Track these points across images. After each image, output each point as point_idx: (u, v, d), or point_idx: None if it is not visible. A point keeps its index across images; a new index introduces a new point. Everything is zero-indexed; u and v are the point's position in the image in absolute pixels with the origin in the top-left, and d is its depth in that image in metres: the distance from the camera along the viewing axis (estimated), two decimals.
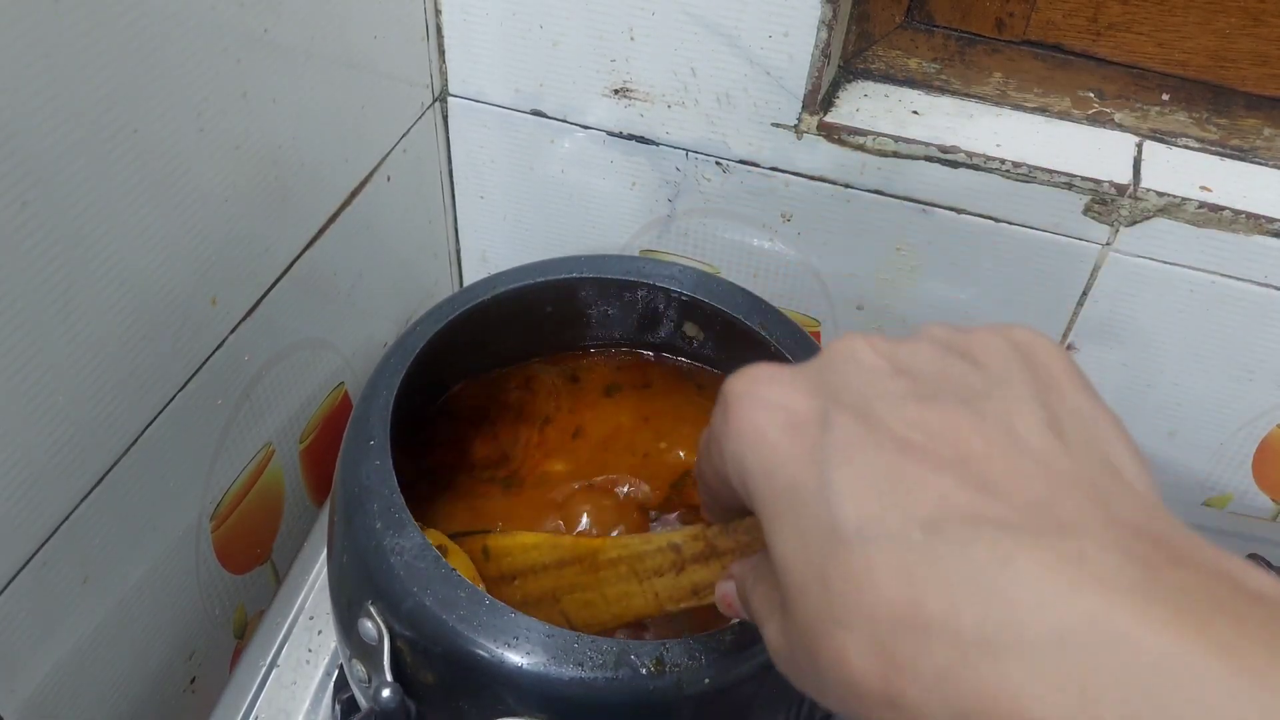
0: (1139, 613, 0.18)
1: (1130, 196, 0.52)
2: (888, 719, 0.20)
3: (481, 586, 0.37)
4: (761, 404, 0.24)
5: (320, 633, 0.52)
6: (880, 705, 0.20)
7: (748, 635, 0.36)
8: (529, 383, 0.53)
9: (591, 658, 0.35)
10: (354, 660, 0.41)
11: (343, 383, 0.60)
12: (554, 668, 0.35)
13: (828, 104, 0.55)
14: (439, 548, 0.39)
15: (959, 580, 0.19)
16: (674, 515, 0.48)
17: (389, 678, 0.37)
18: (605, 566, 0.37)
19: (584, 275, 0.49)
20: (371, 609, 0.38)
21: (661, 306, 0.51)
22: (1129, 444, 0.23)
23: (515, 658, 0.35)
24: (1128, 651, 0.17)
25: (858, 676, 0.20)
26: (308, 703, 0.50)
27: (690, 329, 0.52)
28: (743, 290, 0.49)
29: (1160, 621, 0.17)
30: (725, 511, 0.30)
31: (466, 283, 0.73)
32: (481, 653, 0.35)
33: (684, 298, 0.49)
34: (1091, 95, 0.56)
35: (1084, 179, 0.52)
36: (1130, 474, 0.22)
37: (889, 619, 0.19)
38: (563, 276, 0.49)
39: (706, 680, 0.35)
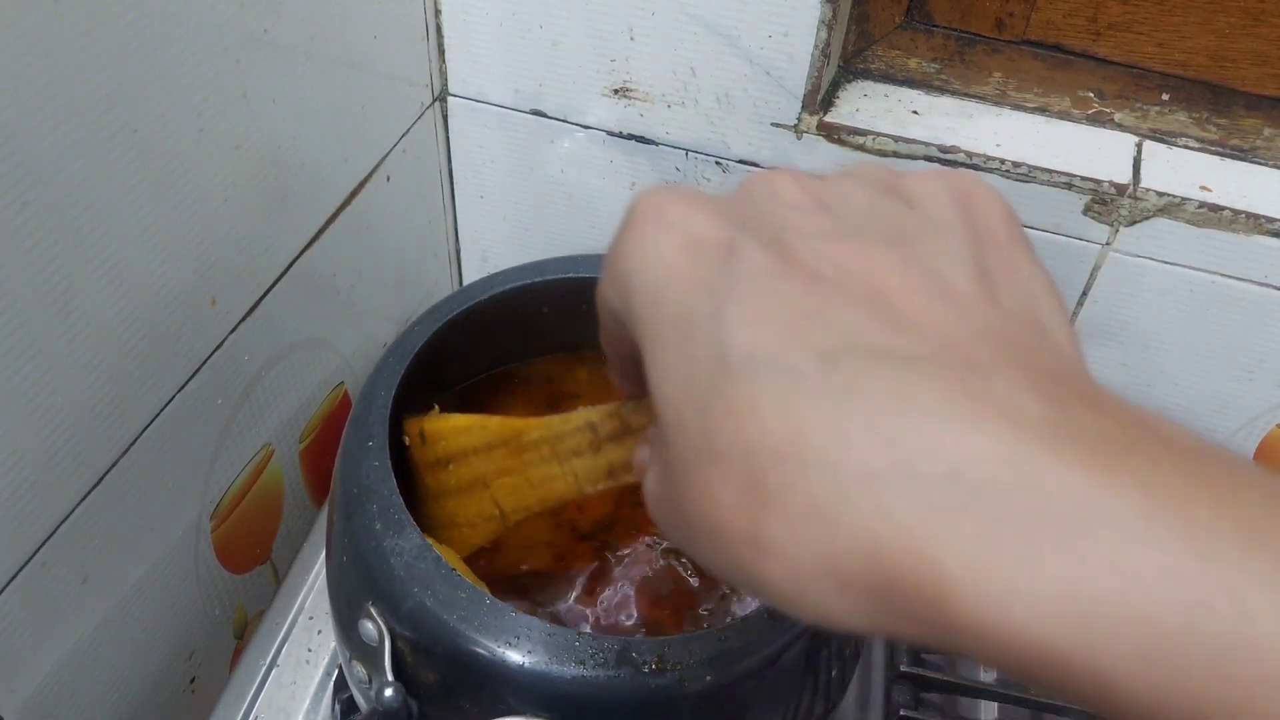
0: (1047, 450, 0.16)
1: (1130, 196, 0.52)
2: (748, 564, 0.18)
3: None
4: (662, 221, 0.21)
5: (320, 633, 0.52)
6: (742, 545, 0.18)
7: (749, 633, 0.36)
8: (528, 382, 0.53)
9: (593, 656, 0.35)
10: (354, 661, 0.41)
11: (342, 383, 0.60)
12: (555, 666, 0.35)
13: (827, 104, 0.55)
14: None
15: (849, 412, 0.17)
16: None
17: (390, 678, 0.37)
18: (529, 449, 0.36)
19: (583, 275, 0.49)
20: (372, 609, 0.38)
21: None
22: (1060, 307, 0.21)
23: (516, 656, 0.35)
24: (1033, 489, 0.16)
25: (724, 515, 0.18)
26: (307, 703, 0.50)
27: None
28: None
29: (1071, 460, 0.16)
30: (624, 361, 0.26)
31: (466, 283, 0.73)
32: (482, 652, 0.35)
33: None
34: (1091, 95, 0.56)
35: (1084, 179, 0.52)
36: (1057, 336, 0.20)
37: (765, 451, 0.18)
38: (562, 276, 0.49)
39: (708, 678, 0.35)
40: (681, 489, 0.19)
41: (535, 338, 0.52)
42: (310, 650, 0.52)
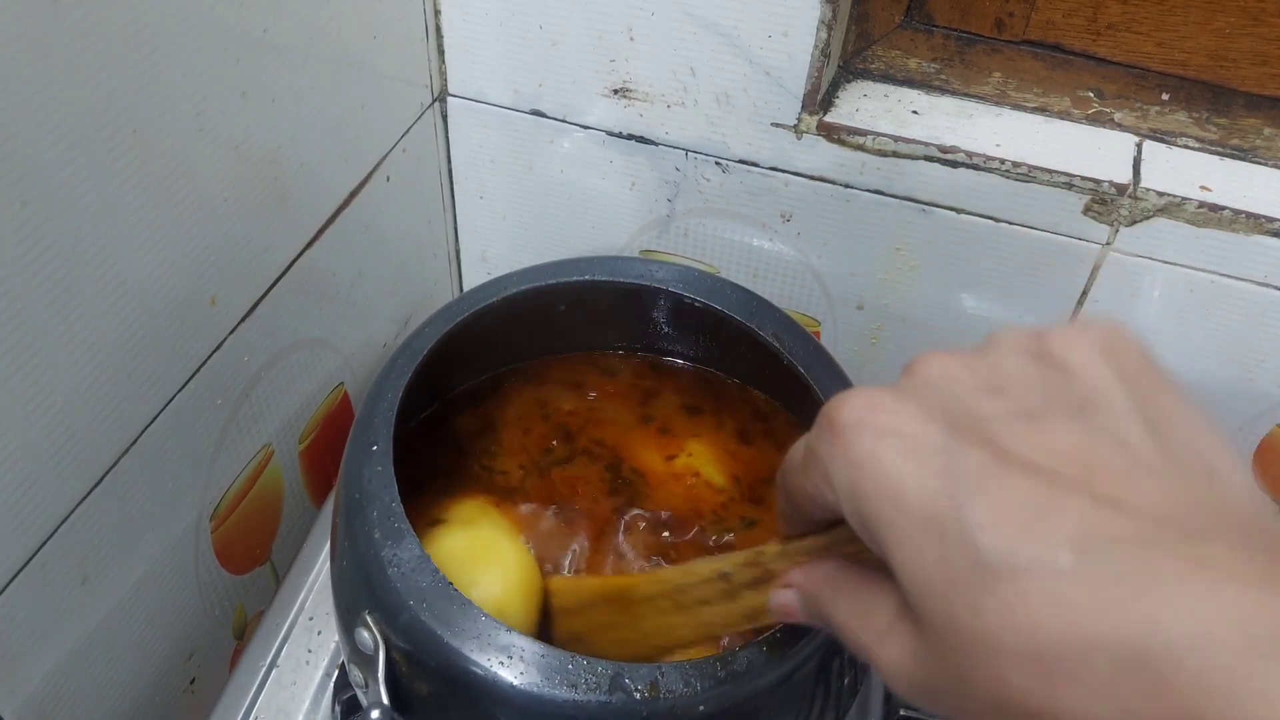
0: (1271, 600, 0.19)
1: (1130, 196, 0.52)
2: None
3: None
4: (876, 432, 0.24)
5: (320, 633, 0.52)
6: (1033, 717, 0.21)
7: (745, 663, 0.36)
8: (534, 384, 0.53)
9: (586, 680, 0.35)
10: (353, 665, 0.40)
11: (342, 383, 0.60)
12: (547, 688, 0.35)
13: (827, 104, 0.55)
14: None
15: (1112, 600, 0.20)
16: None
17: (383, 690, 0.37)
18: (642, 603, 0.36)
19: (589, 278, 0.49)
20: (368, 619, 0.38)
21: (666, 308, 0.51)
22: (1218, 438, 0.23)
23: (509, 676, 0.35)
24: (1268, 640, 0.18)
25: (1016, 696, 0.21)
26: (307, 703, 0.50)
27: (692, 329, 0.52)
28: (743, 290, 0.49)
29: None
30: (806, 524, 0.29)
31: (466, 282, 0.73)
32: (475, 669, 0.35)
33: (688, 299, 0.49)
34: (1091, 95, 0.56)
35: (1084, 179, 0.52)
36: (1224, 469, 0.23)
37: (1049, 643, 0.20)
38: (569, 280, 0.49)
39: (701, 707, 0.35)
40: (965, 676, 0.22)
41: (542, 341, 0.52)
42: (310, 651, 0.52)
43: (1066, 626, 0.20)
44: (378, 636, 0.37)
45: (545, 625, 0.42)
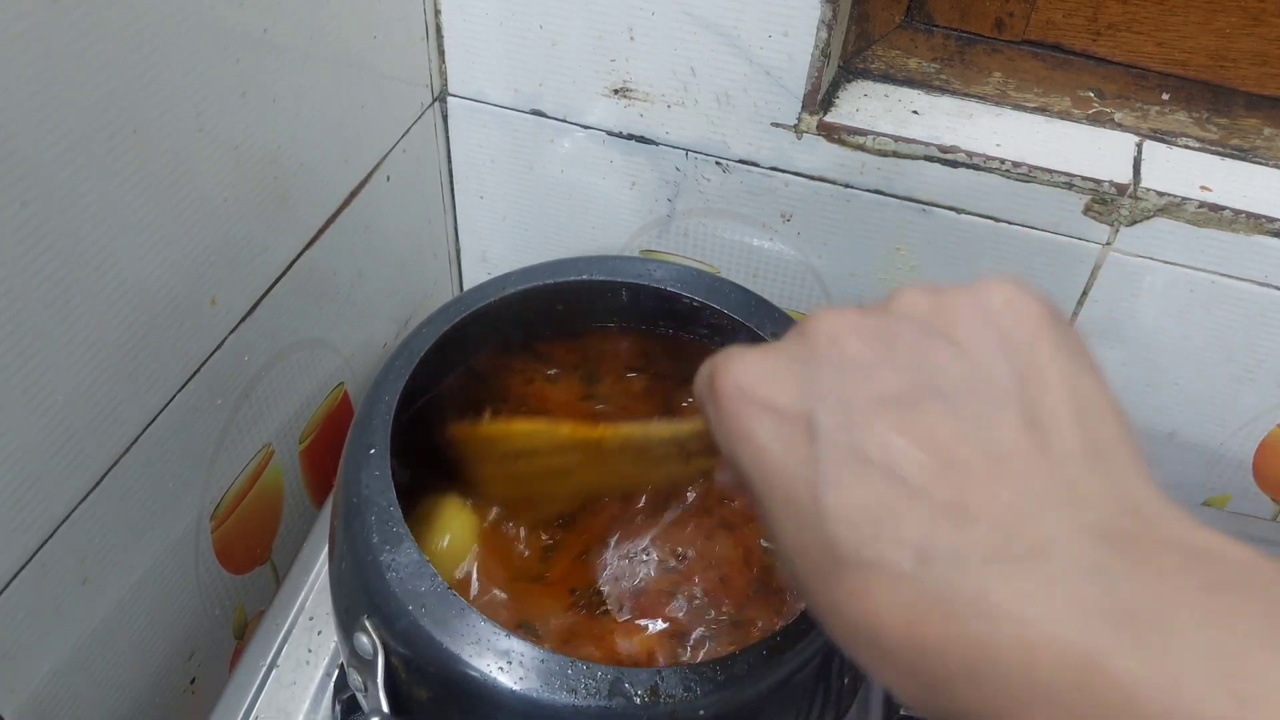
0: (1102, 638, 0.19)
1: (1130, 196, 0.52)
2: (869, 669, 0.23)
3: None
4: (753, 405, 0.25)
5: (320, 633, 0.52)
6: (884, 681, 0.23)
7: (745, 667, 0.36)
8: (535, 381, 0.53)
9: (585, 685, 0.35)
10: (352, 668, 0.40)
11: (342, 383, 0.60)
12: (546, 693, 0.35)
13: (827, 104, 0.55)
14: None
15: (947, 612, 0.21)
16: None
17: (382, 695, 0.37)
18: (610, 454, 0.38)
19: (587, 278, 0.49)
20: (367, 624, 0.38)
21: (668, 308, 0.51)
22: (1106, 412, 0.23)
23: (508, 681, 0.35)
24: (1093, 678, 0.19)
25: (863, 662, 0.23)
26: (308, 703, 0.50)
27: (693, 329, 0.52)
28: (743, 290, 0.49)
29: (1123, 647, 0.19)
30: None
31: (466, 282, 0.73)
32: (474, 674, 0.35)
33: (688, 299, 0.49)
34: (1091, 95, 0.56)
35: (1084, 179, 0.52)
36: (1115, 458, 0.23)
37: (888, 638, 0.22)
38: (567, 280, 0.49)
39: (701, 711, 0.35)
40: (818, 613, 0.24)
41: (543, 340, 0.52)
42: (310, 650, 0.52)
43: (905, 627, 0.21)
44: (376, 641, 0.37)
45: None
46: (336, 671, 0.51)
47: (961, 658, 0.21)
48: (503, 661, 0.35)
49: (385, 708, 0.37)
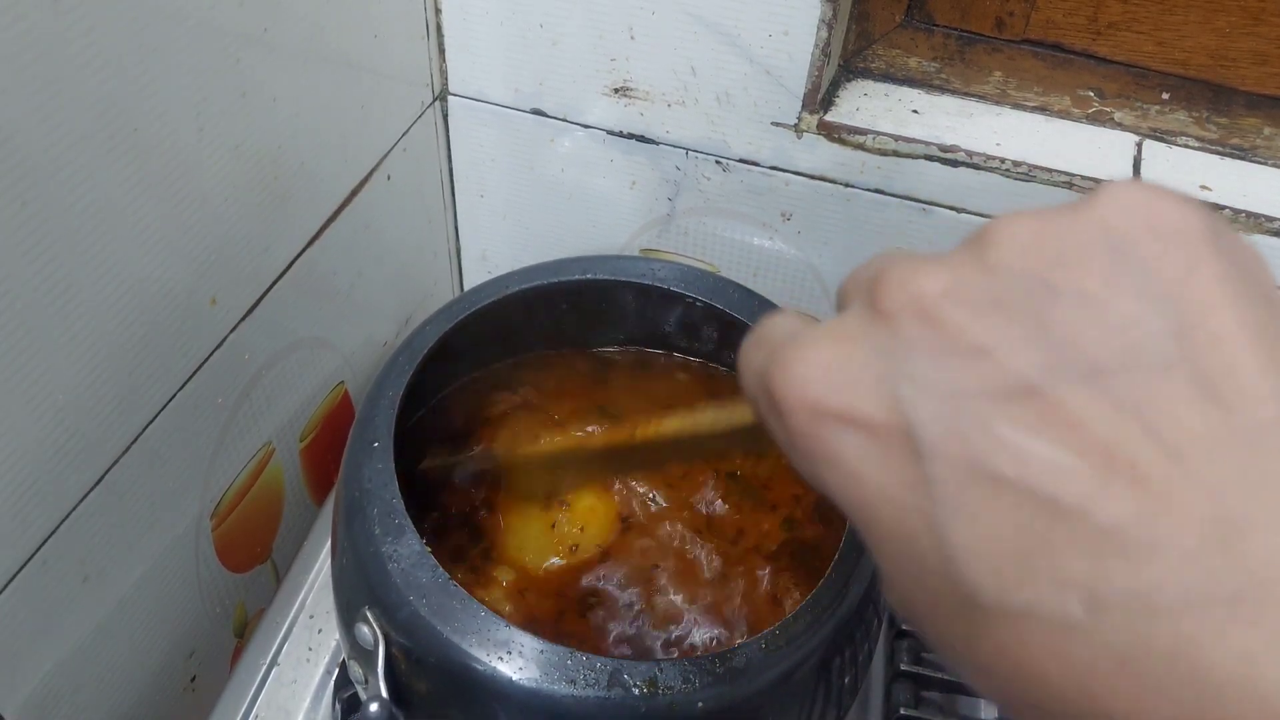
0: None
1: None
2: None
3: None
4: (827, 421, 0.19)
5: (320, 631, 0.52)
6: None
7: (744, 661, 0.36)
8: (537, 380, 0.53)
9: (585, 676, 0.35)
10: (353, 661, 0.41)
11: (342, 382, 0.60)
12: (546, 684, 0.35)
13: (828, 103, 0.55)
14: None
15: (1140, 675, 0.16)
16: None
17: (383, 685, 0.37)
18: (649, 445, 0.37)
19: (591, 277, 0.49)
20: (368, 614, 0.38)
21: (669, 307, 0.51)
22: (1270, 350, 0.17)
23: (508, 671, 0.35)
24: None
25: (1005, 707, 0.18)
26: (308, 701, 0.50)
27: (694, 328, 0.52)
28: (744, 289, 0.49)
29: None
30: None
31: (466, 282, 0.73)
32: (474, 665, 0.35)
33: (688, 298, 0.49)
34: (1091, 94, 0.56)
35: (1084, 178, 0.52)
36: None
37: (1065, 705, 0.17)
38: (571, 279, 0.49)
39: (699, 704, 0.35)
40: (962, 674, 0.19)
41: (543, 339, 0.52)
42: (311, 649, 0.52)
43: (1083, 693, 0.16)
44: (377, 632, 0.38)
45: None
46: (337, 670, 0.51)
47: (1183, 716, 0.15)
48: (502, 652, 0.35)
49: (385, 694, 0.37)
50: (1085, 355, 0.17)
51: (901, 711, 0.51)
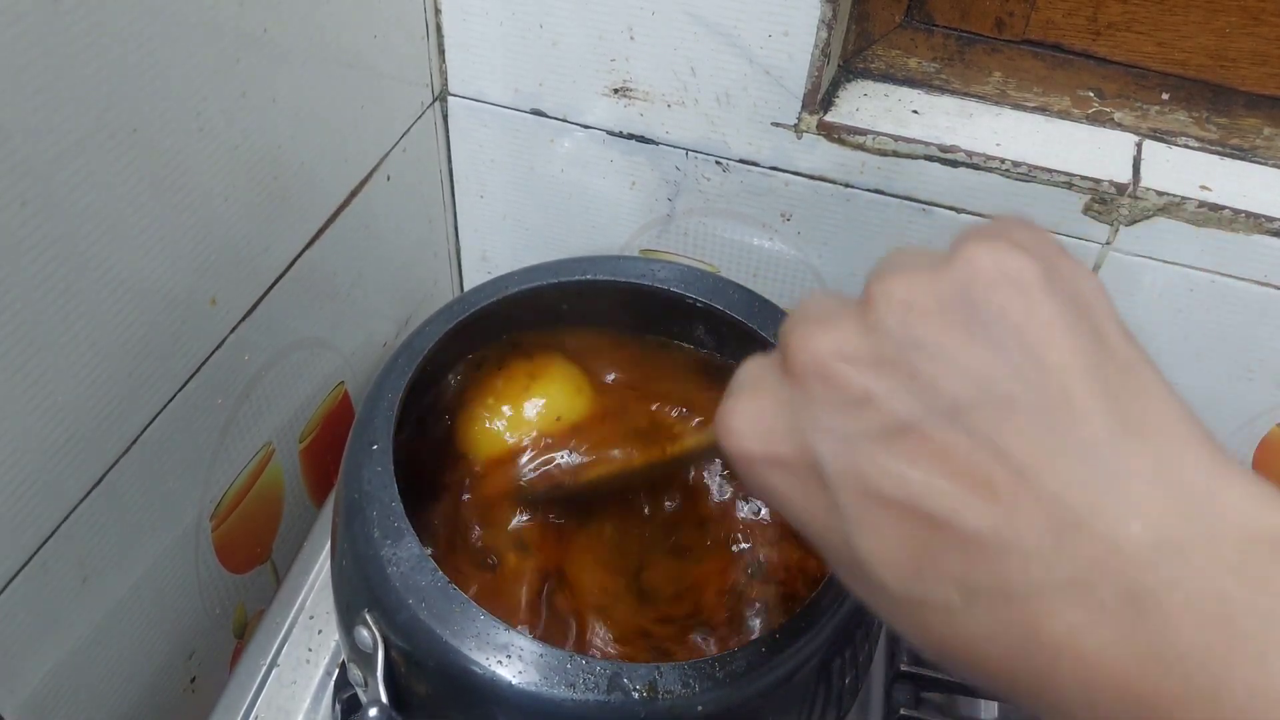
0: (1162, 681, 0.19)
1: (1130, 196, 0.52)
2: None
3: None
4: (757, 463, 0.25)
5: (320, 632, 0.52)
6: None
7: (745, 664, 0.36)
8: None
9: (584, 679, 0.35)
10: (352, 664, 0.41)
11: (342, 382, 0.60)
12: (545, 688, 0.35)
13: (827, 103, 0.55)
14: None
15: (1005, 645, 0.21)
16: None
17: (381, 690, 0.37)
18: (675, 461, 0.41)
19: (589, 278, 0.49)
20: (368, 617, 0.38)
21: (669, 308, 0.51)
22: (1139, 377, 0.22)
23: (507, 675, 0.35)
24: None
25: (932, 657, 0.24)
26: (308, 702, 0.50)
27: (692, 329, 0.52)
28: (744, 289, 0.49)
29: (1179, 693, 0.19)
30: None
31: (466, 282, 0.73)
32: (474, 668, 0.35)
33: (688, 298, 0.49)
34: (1091, 95, 0.56)
35: (1084, 178, 0.52)
36: (1146, 418, 0.21)
37: (960, 661, 0.22)
38: (569, 279, 0.49)
39: (699, 708, 0.35)
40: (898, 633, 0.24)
41: (543, 338, 0.52)
42: (310, 650, 0.52)
43: (969, 656, 0.22)
44: (377, 635, 0.37)
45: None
46: (337, 671, 0.51)
47: (1027, 686, 0.21)
48: (502, 656, 0.35)
49: (384, 698, 0.37)
50: (947, 397, 0.21)
51: (902, 712, 0.51)
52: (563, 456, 0.47)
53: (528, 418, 0.48)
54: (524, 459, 0.47)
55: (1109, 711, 0.19)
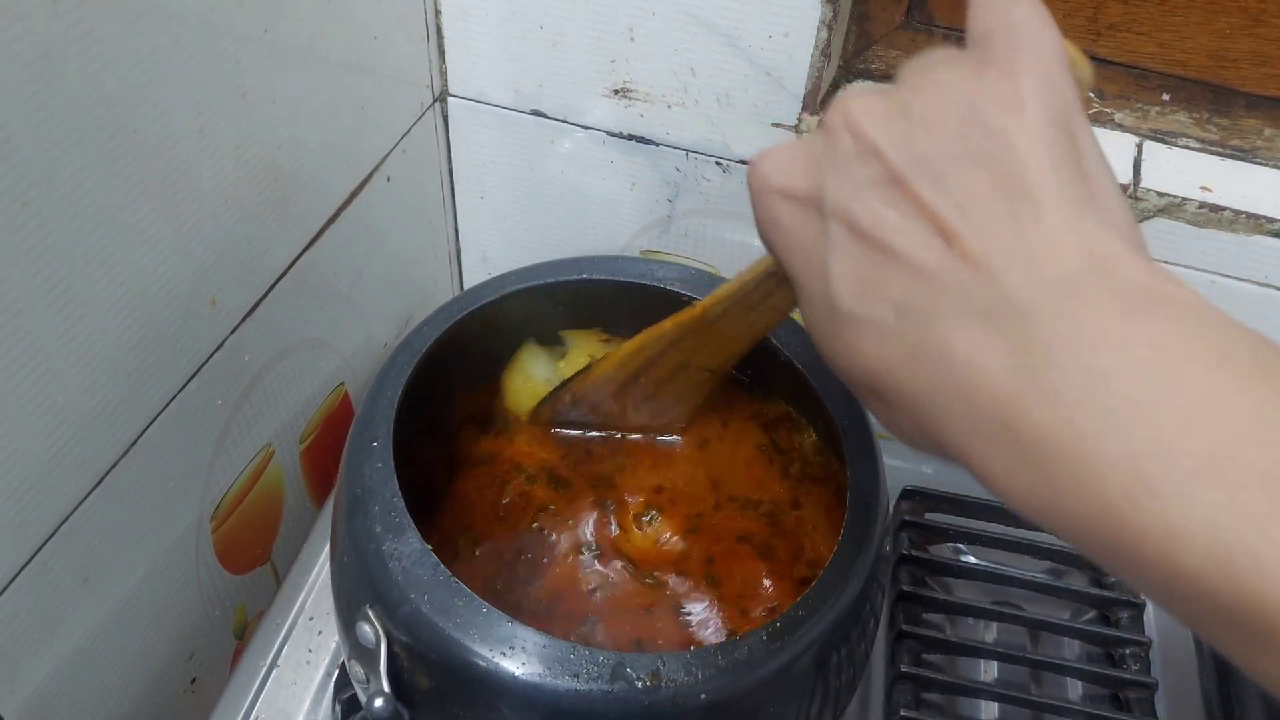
0: (1015, 383, 0.23)
1: (1130, 196, 0.52)
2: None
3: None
4: (773, 194, 0.29)
5: (320, 633, 0.52)
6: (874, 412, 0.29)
7: (747, 652, 0.36)
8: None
9: (587, 669, 0.35)
10: (353, 660, 0.41)
11: (342, 383, 0.60)
12: (549, 679, 0.35)
13: (828, 104, 0.55)
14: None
15: (919, 357, 0.25)
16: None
17: (385, 683, 0.37)
18: (718, 320, 0.40)
19: (589, 277, 0.49)
20: (370, 613, 0.38)
21: (668, 308, 0.51)
22: (1082, 164, 0.25)
23: (510, 667, 0.35)
24: (1012, 414, 0.24)
25: (861, 399, 0.29)
26: (308, 703, 0.50)
27: None
28: None
29: (1033, 393, 0.23)
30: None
31: (466, 283, 0.73)
32: (477, 661, 0.35)
33: (688, 298, 0.49)
34: (1091, 95, 0.56)
35: None
36: (1088, 196, 0.25)
37: (874, 379, 0.27)
38: (570, 278, 0.49)
39: (702, 695, 0.35)
40: (827, 361, 0.29)
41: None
42: (310, 650, 0.52)
43: (886, 370, 0.26)
44: (379, 630, 0.38)
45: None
46: (337, 671, 0.51)
47: (927, 398, 0.25)
48: (505, 648, 0.35)
49: (387, 688, 0.37)
50: (936, 164, 0.26)
51: (902, 713, 0.51)
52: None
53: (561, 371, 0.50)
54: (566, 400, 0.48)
55: (983, 415, 0.24)
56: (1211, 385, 0.22)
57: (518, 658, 0.35)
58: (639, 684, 0.35)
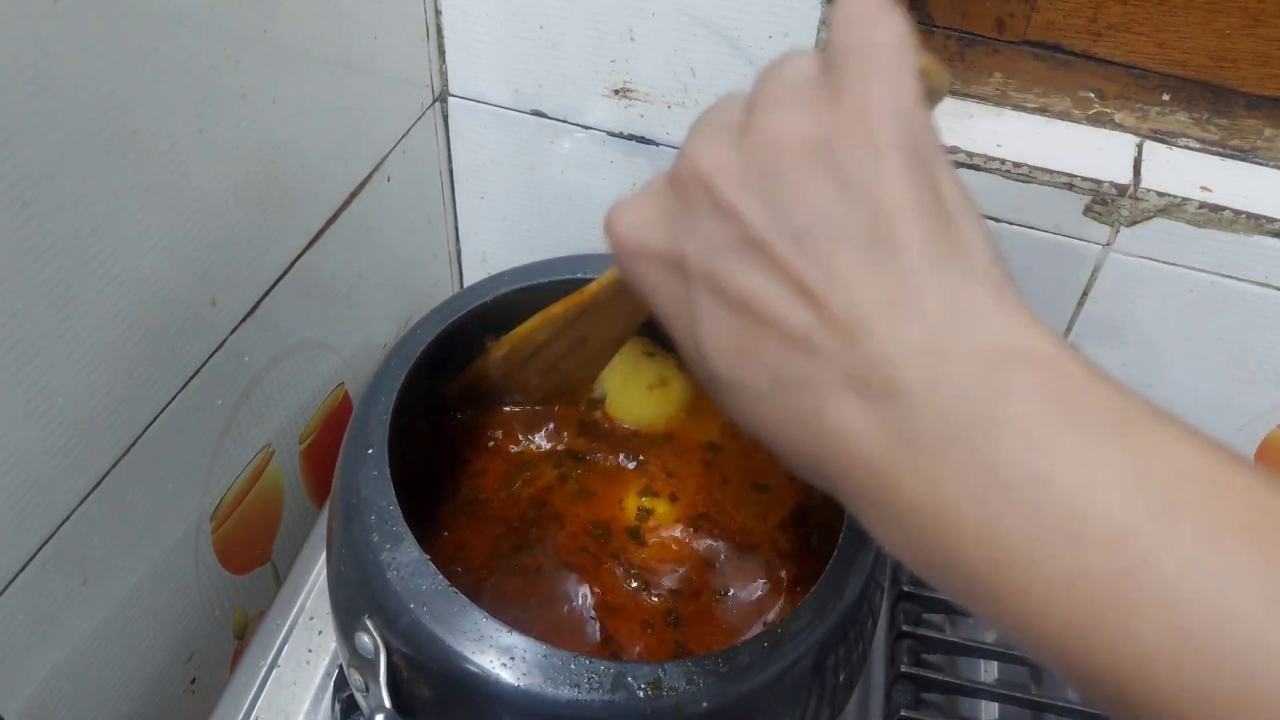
0: (889, 455, 0.24)
1: (1130, 197, 0.52)
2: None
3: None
4: (632, 253, 0.28)
5: (320, 633, 0.52)
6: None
7: (747, 659, 0.36)
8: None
9: (588, 679, 0.35)
10: (352, 668, 0.40)
11: (342, 383, 0.60)
12: (550, 689, 0.35)
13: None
14: None
15: (797, 423, 0.25)
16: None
17: (385, 694, 0.37)
18: (609, 301, 0.40)
19: (586, 276, 0.49)
20: (368, 623, 0.38)
21: None
22: (947, 209, 0.26)
23: (510, 677, 0.35)
24: (886, 485, 0.24)
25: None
26: (308, 703, 0.50)
27: None
28: None
29: (904, 463, 0.24)
30: None
31: (466, 283, 0.73)
32: (477, 671, 0.35)
33: None
34: (1091, 95, 0.56)
35: (1084, 179, 0.52)
36: (954, 246, 0.25)
37: (765, 438, 0.27)
38: (565, 278, 0.49)
39: (704, 704, 0.35)
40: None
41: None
42: (310, 651, 0.52)
43: (771, 433, 0.26)
44: (378, 641, 0.37)
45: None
46: (336, 672, 0.51)
47: (811, 461, 0.25)
48: (505, 658, 0.35)
49: (388, 703, 0.37)
50: (797, 224, 0.25)
51: (902, 713, 0.51)
52: None
53: None
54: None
55: (860, 483, 0.24)
56: (1066, 444, 0.22)
57: (518, 668, 0.35)
58: (640, 693, 0.35)
